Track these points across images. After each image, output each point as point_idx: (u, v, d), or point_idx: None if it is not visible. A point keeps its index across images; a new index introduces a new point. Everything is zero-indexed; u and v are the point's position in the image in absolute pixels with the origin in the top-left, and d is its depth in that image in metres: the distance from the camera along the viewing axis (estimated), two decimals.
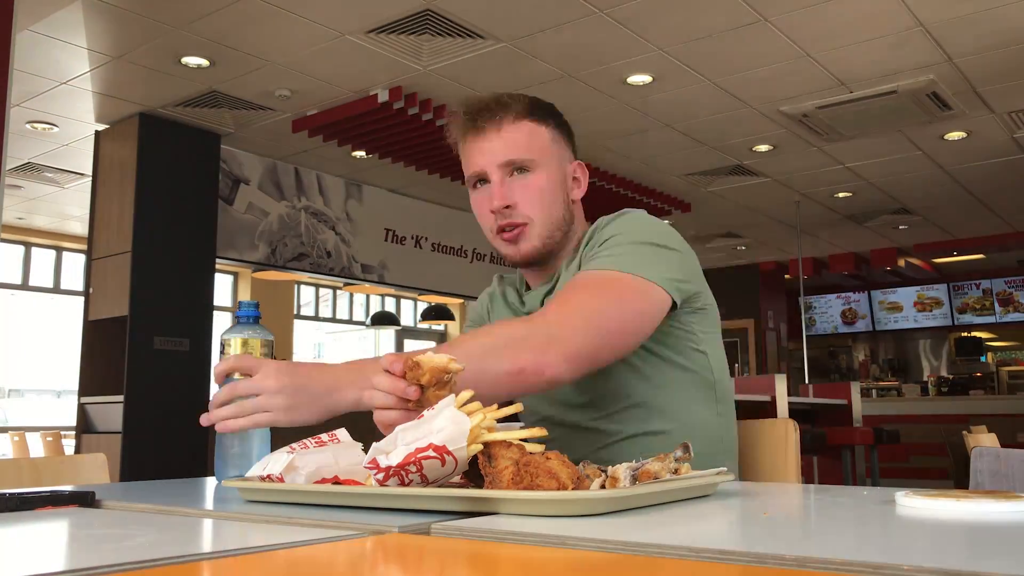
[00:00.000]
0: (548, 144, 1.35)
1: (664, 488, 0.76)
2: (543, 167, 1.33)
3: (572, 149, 1.42)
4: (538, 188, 1.33)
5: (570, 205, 1.38)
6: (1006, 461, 1.17)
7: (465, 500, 0.72)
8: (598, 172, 6.55)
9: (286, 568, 0.57)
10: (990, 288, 10.76)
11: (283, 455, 0.86)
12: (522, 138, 1.33)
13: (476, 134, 1.34)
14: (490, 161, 1.33)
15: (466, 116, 1.36)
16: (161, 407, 5.24)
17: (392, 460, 0.76)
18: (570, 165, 1.40)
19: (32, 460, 1.41)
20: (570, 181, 1.39)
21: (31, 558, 0.62)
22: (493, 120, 1.33)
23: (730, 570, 0.52)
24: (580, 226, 1.42)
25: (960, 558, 0.53)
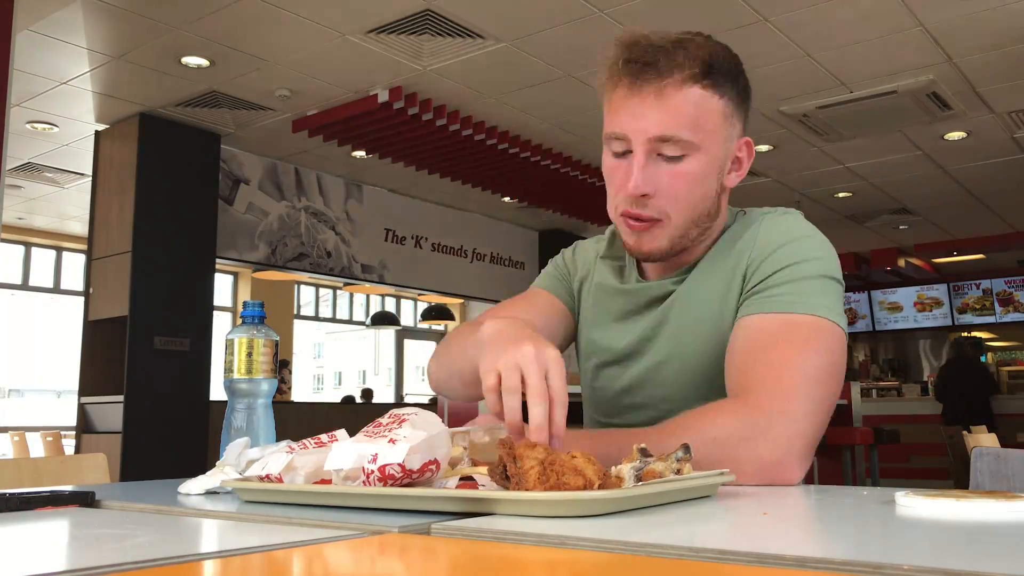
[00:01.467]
0: (718, 121, 1.09)
1: (667, 488, 0.76)
2: (702, 152, 1.09)
3: (745, 121, 1.15)
4: (688, 179, 1.09)
5: (720, 194, 1.15)
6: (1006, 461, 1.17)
7: (467, 501, 0.72)
8: (599, 172, 6.55)
9: (286, 568, 0.57)
10: (990, 288, 10.76)
11: (282, 455, 0.86)
12: (687, 110, 1.06)
13: (631, 91, 1.08)
14: (640, 131, 1.07)
15: (626, 65, 1.08)
16: (161, 407, 5.25)
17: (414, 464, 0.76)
18: (735, 143, 1.14)
19: (32, 460, 1.41)
20: (729, 164, 1.15)
21: (31, 558, 0.62)
22: (656, 80, 1.06)
23: (730, 570, 0.52)
24: (721, 219, 1.20)
25: (960, 558, 0.53)
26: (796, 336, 1.03)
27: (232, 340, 1.12)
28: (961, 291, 10.90)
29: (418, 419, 0.80)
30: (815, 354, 1.01)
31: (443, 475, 0.82)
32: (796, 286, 1.06)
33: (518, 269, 8.46)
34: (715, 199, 1.14)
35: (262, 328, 1.14)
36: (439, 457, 0.78)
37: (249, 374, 1.11)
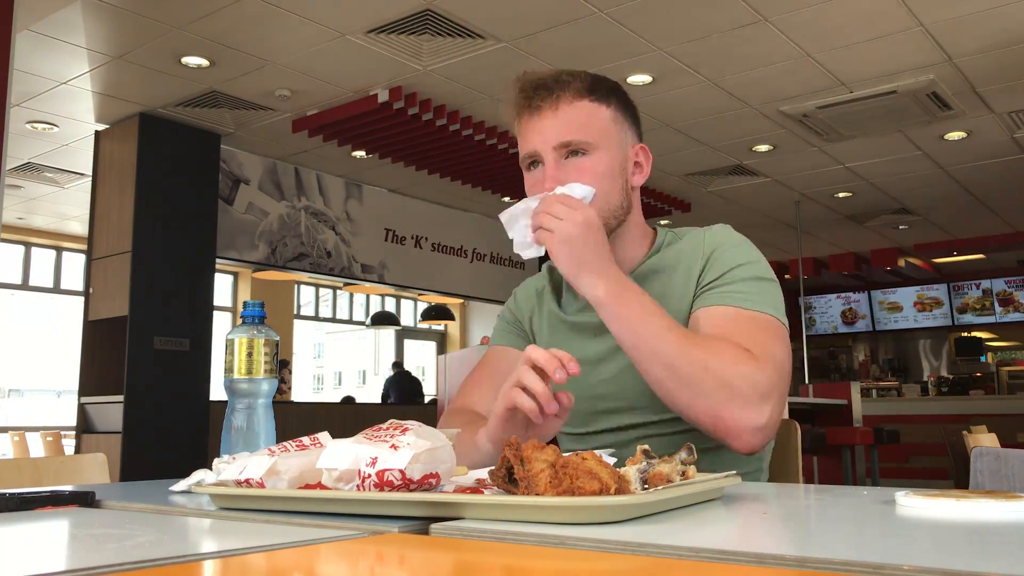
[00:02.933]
0: (608, 125, 1.27)
1: (676, 494, 0.74)
2: (601, 150, 1.25)
3: (636, 130, 1.33)
4: (594, 172, 1.24)
5: (629, 192, 1.30)
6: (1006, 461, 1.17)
7: (470, 506, 0.70)
8: None
9: (286, 568, 0.57)
10: (990, 288, 10.76)
11: (264, 457, 0.82)
12: (579, 118, 1.25)
13: (531, 113, 1.27)
14: (544, 142, 1.25)
15: (521, 94, 1.28)
16: (161, 407, 5.25)
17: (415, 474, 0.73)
18: (632, 148, 1.31)
19: (32, 460, 1.41)
20: (631, 166, 1.31)
21: (31, 558, 0.62)
22: (550, 98, 1.25)
23: (730, 570, 0.52)
24: (637, 219, 1.34)
25: (960, 558, 0.53)
26: (764, 328, 1.16)
27: (232, 340, 1.12)
28: (961, 291, 10.90)
29: (421, 430, 0.78)
30: (783, 349, 1.15)
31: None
32: (749, 285, 1.20)
33: (518, 269, 8.46)
34: (624, 194, 1.29)
35: (262, 328, 1.14)
36: (441, 472, 0.75)
37: (249, 374, 1.11)
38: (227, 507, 0.83)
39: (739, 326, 1.15)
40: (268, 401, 1.13)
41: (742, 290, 1.19)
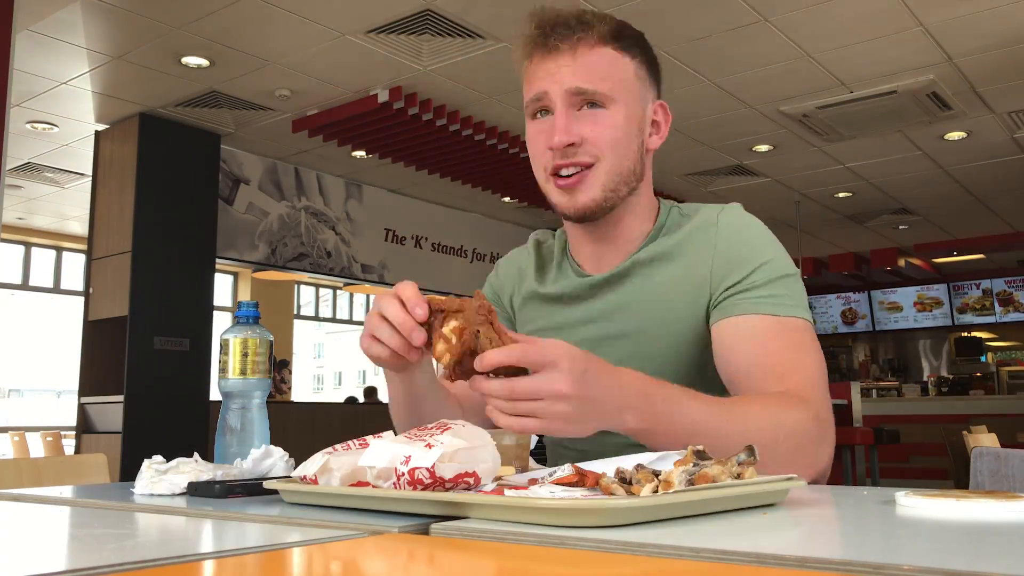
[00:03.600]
0: (630, 78, 1.14)
1: (689, 499, 0.69)
2: (621, 104, 1.12)
3: (657, 88, 1.21)
4: (612, 127, 1.12)
5: (644, 155, 1.18)
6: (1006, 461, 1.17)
7: (499, 508, 0.70)
8: None
9: (286, 568, 0.57)
10: (990, 288, 10.76)
11: (320, 456, 0.84)
12: (600, 66, 1.11)
13: (545, 53, 1.13)
14: (557, 85, 1.11)
15: (537, 30, 1.13)
16: (161, 407, 5.25)
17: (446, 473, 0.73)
18: (652, 106, 1.19)
19: (32, 460, 1.41)
20: (648, 126, 1.18)
21: (31, 558, 0.62)
22: (569, 39, 1.11)
23: (730, 570, 0.52)
24: (647, 188, 1.22)
25: (960, 558, 0.53)
26: (802, 340, 1.08)
27: (227, 340, 1.11)
28: (961, 291, 10.90)
29: (463, 430, 0.78)
30: (820, 359, 1.08)
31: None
32: (776, 286, 1.11)
33: None
34: (638, 156, 1.17)
35: (257, 328, 1.13)
36: (481, 471, 0.75)
37: (244, 374, 1.10)
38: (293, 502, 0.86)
39: (774, 342, 1.08)
40: (262, 401, 1.13)
41: (771, 293, 1.10)
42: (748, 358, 1.08)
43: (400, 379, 1.11)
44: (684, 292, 1.16)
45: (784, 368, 1.05)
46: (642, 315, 1.18)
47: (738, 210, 1.21)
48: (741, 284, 1.11)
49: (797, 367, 1.05)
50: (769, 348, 1.07)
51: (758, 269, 1.11)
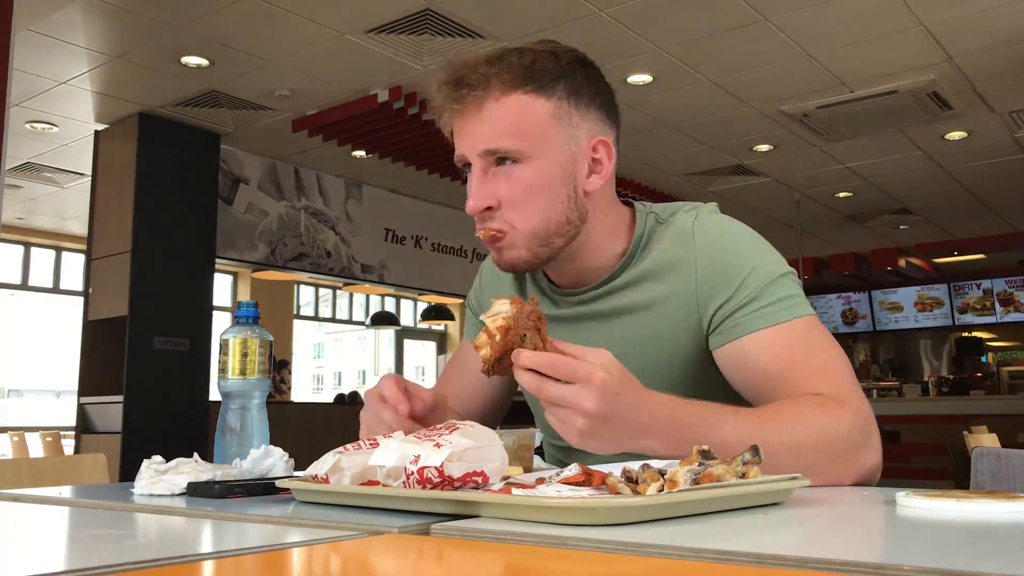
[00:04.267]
0: (545, 122, 1.06)
1: (694, 497, 0.69)
2: (536, 156, 1.06)
3: (595, 115, 1.11)
4: (524, 186, 1.06)
5: (580, 200, 1.10)
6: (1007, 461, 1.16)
7: (507, 507, 0.70)
8: None
9: (286, 568, 0.57)
10: (991, 288, 10.76)
11: (331, 455, 0.85)
12: (508, 119, 1.05)
13: (457, 113, 1.09)
14: (470, 148, 1.08)
15: (447, 84, 1.09)
16: (161, 407, 5.25)
17: (455, 472, 0.74)
18: (585, 144, 1.09)
19: (32, 460, 1.41)
20: (584, 167, 1.10)
21: (31, 558, 0.62)
22: (474, 94, 1.06)
23: (730, 570, 0.52)
24: (603, 222, 1.14)
25: (960, 558, 0.53)
26: (812, 340, 1.06)
27: (227, 340, 1.11)
28: (962, 291, 10.90)
29: (471, 430, 0.79)
30: (839, 352, 1.06)
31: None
32: (771, 291, 1.07)
33: None
34: (570, 205, 1.09)
35: (256, 328, 1.13)
36: (489, 470, 0.76)
37: (243, 374, 1.11)
38: (304, 500, 0.87)
39: (788, 352, 1.04)
40: (262, 401, 1.13)
41: (767, 302, 1.06)
42: (766, 375, 1.05)
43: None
44: (668, 307, 1.11)
45: (808, 373, 1.02)
46: (628, 330, 1.14)
47: (713, 216, 1.16)
48: (733, 301, 1.07)
49: (820, 368, 1.03)
50: (785, 359, 1.04)
51: (746, 280, 1.07)
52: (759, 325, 1.05)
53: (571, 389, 0.82)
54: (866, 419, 0.99)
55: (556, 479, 0.77)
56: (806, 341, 1.05)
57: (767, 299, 1.06)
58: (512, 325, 0.86)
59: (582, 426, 0.83)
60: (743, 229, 1.15)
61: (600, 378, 0.82)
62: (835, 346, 1.07)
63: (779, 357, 1.04)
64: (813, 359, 1.04)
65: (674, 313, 1.11)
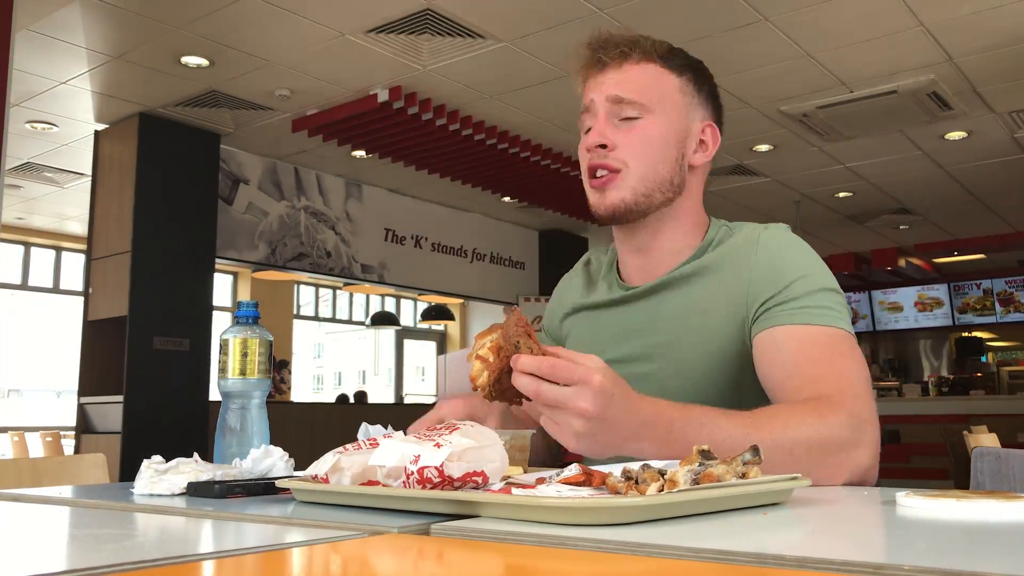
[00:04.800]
0: (672, 92, 1.20)
1: (696, 497, 0.70)
2: (658, 115, 1.18)
3: (712, 110, 1.25)
4: (643, 136, 1.17)
5: (684, 169, 1.21)
6: (1006, 461, 1.17)
7: (507, 507, 0.70)
8: None
9: (286, 568, 0.57)
10: (991, 288, 10.75)
11: (331, 455, 0.86)
12: (643, 79, 1.19)
13: (596, 69, 1.21)
14: (599, 93, 1.19)
15: (588, 48, 1.22)
16: (161, 407, 5.25)
17: (455, 472, 0.75)
18: (698, 124, 1.23)
19: (32, 460, 1.41)
20: (692, 142, 1.22)
21: (31, 558, 0.62)
22: (617, 55, 1.20)
23: (730, 570, 0.52)
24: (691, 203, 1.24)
25: (960, 558, 0.53)
26: (841, 348, 1.09)
27: (227, 340, 1.12)
28: (962, 291, 10.89)
29: (471, 430, 0.80)
30: (861, 365, 1.09)
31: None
32: (813, 298, 1.12)
33: (518, 269, 8.46)
34: (676, 167, 1.20)
35: (256, 328, 1.13)
36: (488, 470, 0.76)
37: (243, 374, 1.11)
38: (304, 500, 0.87)
39: (813, 350, 1.09)
40: (262, 401, 1.13)
41: (808, 304, 1.12)
42: (785, 367, 1.09)
43: None
44: (721, 306, 1.17)
45: (820, 373, 1.06)
46: (678, 327, 1.19)
47: (782, 229, 1.23)
48: (778, 296, 1.13)
49: (832, 372, 1.06)
50: (806, 356, 1.08)
51: (796, 282, 1.13)
52: (794, 320, 1.11)
53: (568, 391, 0.84)
54: (863, 421, 1.01)
55: (556, 479, 0.77)
56: (831, 347, 1.09)
57: (809, 302, 1.12)
58: (503, 342, 0.87)
59: (579, 427, 0.85)
60: (804, 245, 1.21)
61: (597, 380, 0.84)
62: (859, 362, 1.09)
63: (801, 352, 1.09)
64: (831, 363, 1.07)
65: (727, 306, 1.17)
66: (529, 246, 8.65)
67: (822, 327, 1.10)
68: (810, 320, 1.10)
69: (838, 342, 1.10)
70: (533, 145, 5.97)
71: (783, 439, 0.94)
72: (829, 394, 1.03)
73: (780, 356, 1.10)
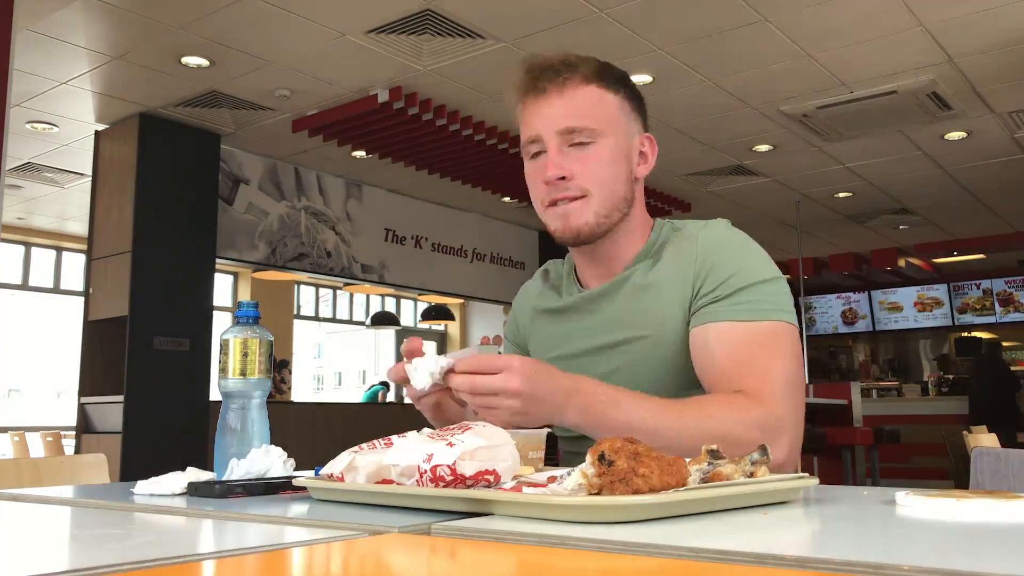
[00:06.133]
0: (615, 113, 1.24)
1: (702, 495, 0.70)
2: (607, 138, 1.22)
3: (642, 121, 1.31)
4: (599, 160, 1.21)
5: (632, 183, 1.27)
6: (1006, 461, 1.17)
7: (518, 505, 0.71)
8: None
9: (286, 568, 0.57)
10: (990, 288, 10.75)
11: (347, 455, 0.87)
12: (587, 104, 1.22)
13: (536, 96, 1.23)
14: (548, 127, 1.22)
15: (527, 75, 1.24)
16: (161, 407, 5.25)
17: (467, 471, 0.75)
18: (638, 138, 1.28)
19: (32, 460, 1.41)
20: (636, 156, 1.28)
21: (31, 558, 0.62)
22: (556, 81, 1.21)
23: (730, 570, 0.52)
24: (640, 211, 1.31)
25: (960, 558, 0.53)
26: (769, 343, 1.14)
27: (227, 340, 1.11)
28: (961, 291, 10.89)
29: (483, 429, 0.81)
30: (788, 359, 1.14)
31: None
32: (750, 292, 1.16)
33: (518, 269, 8.46)
34: (628, 184, 1.26)
35: (257, 328, 1.13)
36: (500, 469, 0.77)
37: (243, 375, 1.10)
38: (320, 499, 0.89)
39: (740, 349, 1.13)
40: (262, 401, 1.13)
41: (744, 300, 1.15)
42: (715, 364, 1.14)
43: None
44: (669, 303, 1.22)
45: (744, 371, 1.11)
46: (633, 325, 1.24)
47: (721, 225, 1.27)
48: (714, 292, 1.18)
49: (757, 369, 1.11)
50: (732, 354, 1.13)
51: (731, 277, 1.17)
52: (725, 318, 1.15)
53: (498, 377, 0.97)
54: (778, 419, 1.07)
55: (567, 478, 0.77)
56: (760, 343, 1.13)
57: (743, 298, 1.16)
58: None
59: (512, 405, 0.97)
60: (743, 238, 1.25)
61: (518, 361, 0.97)
62: (788, 356, 1.14)
63: (730, 351, 1.14)
64: (757, 361, 1.12)
65: (674, 303, 1.22)
66: (529, 246, 8.66)
67: (753, 323, 1.14)
68: (738, 316, 1.14)
69: (767, 338, 1.14)
70: None
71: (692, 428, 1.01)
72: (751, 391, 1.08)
73: (709, 353, 1.15)
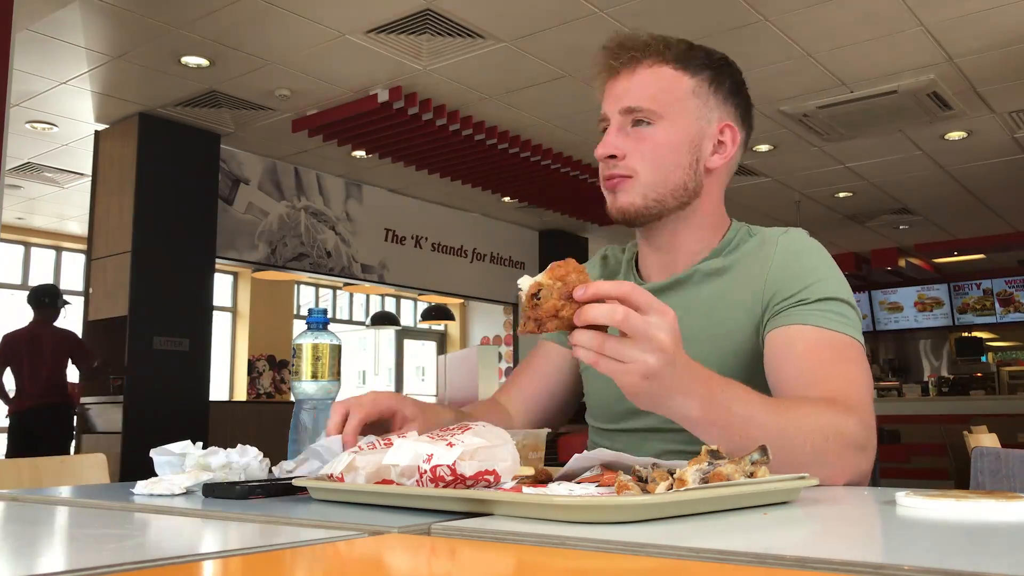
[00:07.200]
0: (685, 96, 1.20)
1: (702, 496, 0.70)
2: (669, 121, 1.18)
3: (730, 109, 1.26)
4: (653, 143, 1.18)
5: (699, 172, 1.21)
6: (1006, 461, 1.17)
7: (519, 505, 0.71)
8: (598, 172, 6.55)
9: (286, 568, 0.57)
10: (990, 288, 10.75)
11: (347, 455, 0.87)
12: (653, 85, 1.19)
13: (609, 76, 1.23)
14: (612, 105, 1.20)
15: (604, 52, 1.23)
16: (161, 407, 5.25)
17: (467, 471, 0.76)
18: (715, 126, 1.23)
19: (32, 460, 1.41)
20: (708, 144, 1.22)
21: (31, 558, 0.62)
22: (629, 61, 1.20)
23: (730, 570, 0.52)
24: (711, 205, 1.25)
25: (960, 558, 0.53)
26: (851, 355, 1.10)
27: (300, 345, 1.19)
28: (961, 291, 10.89)
29: (483, 429, 0.81)
30: (868, 376, 1.10)
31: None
32: (829, 304, 1.12)
33: (518, 269, 8.45)
34: (689, 171, 1.20)
35: (327, 334, 1.21)
36: (500, 469, 0.77)
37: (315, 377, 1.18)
38: (320, 499, 0.88)
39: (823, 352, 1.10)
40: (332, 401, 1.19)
41: (822, 309, 1.12)
42: (796, 366, 1.10)
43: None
44: (736, 305, 1.18)
45: (829, 375, 1.07)
46: (693, 324, 1.17)
47: (801, 233, 1.24)
48: (795, 297, 1.13)
49: (843, 376, 1.07)
50: (817, 357, 1.09)
51: (813, 285, 1.13)
52: (808, 321, 1.11)
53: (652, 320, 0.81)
54: (869, 428, 1.03)
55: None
56: (841, 352, 1.10)
57: (825, 307, 1.12)
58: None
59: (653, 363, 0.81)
60: (826, 252, 1.21)
61: (672, 314, 0.84)
62: (865, 372, 1.10)
63: (813, 353, 1.09)
64: (840, 368, 1.08)
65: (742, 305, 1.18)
66: (529, 246, 8.65)
67: (834, 332, 1.10)
68: (824, 323, 1.11)
69: (847, 349, 1.10)
70: (533, 145, 5.97)
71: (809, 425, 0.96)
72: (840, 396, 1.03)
73: (792, 354, 1.10)
